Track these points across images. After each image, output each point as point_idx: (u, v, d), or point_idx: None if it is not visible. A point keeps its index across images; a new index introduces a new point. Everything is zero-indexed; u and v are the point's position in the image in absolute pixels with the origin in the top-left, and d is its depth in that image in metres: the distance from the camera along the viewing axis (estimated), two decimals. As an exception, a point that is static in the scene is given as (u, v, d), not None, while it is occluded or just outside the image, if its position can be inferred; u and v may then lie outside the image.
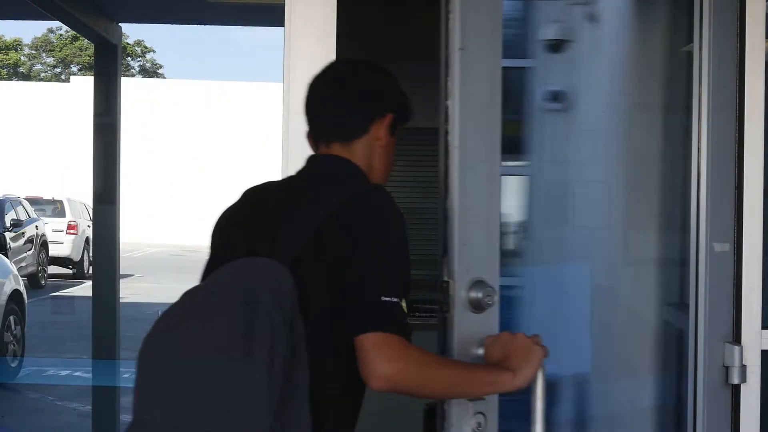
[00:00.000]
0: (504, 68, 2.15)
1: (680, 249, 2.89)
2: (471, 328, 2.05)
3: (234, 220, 2.00)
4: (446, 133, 2.10)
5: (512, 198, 5.72)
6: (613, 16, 4.15)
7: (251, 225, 1.91)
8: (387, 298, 1.71)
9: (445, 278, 2.07)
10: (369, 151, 1.96)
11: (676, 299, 3.13)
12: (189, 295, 1.85)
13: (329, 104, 2.00)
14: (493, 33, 2.14)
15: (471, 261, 2.08)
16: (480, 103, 2.12)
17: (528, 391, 1.94)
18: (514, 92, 4.92)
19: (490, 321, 2.07)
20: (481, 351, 2.01)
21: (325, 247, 1.75)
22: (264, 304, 1.68)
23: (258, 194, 2.02)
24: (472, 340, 2.03)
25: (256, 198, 2.01)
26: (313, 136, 2.03)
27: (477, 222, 2.10)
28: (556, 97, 4.57)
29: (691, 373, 2.64)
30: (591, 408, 3.95)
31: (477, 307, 2.06)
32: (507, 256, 5.31)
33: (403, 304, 1.73)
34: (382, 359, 1.68)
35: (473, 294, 2.05)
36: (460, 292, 2.06)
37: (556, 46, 4.49)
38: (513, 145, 5.04)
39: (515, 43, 5.09)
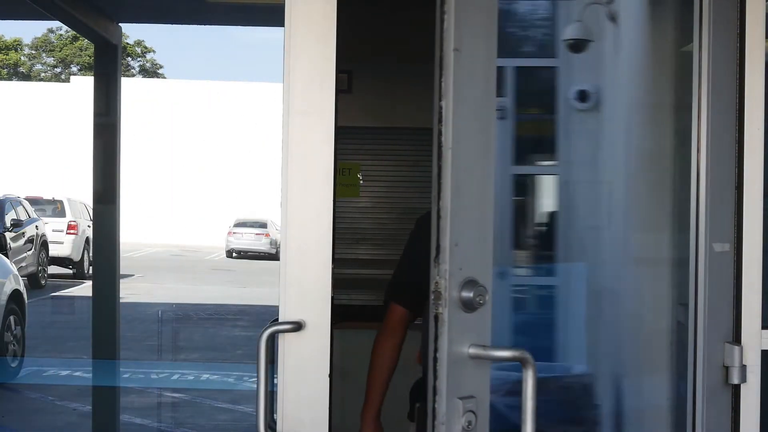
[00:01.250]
0: (535, 68, 2.17)
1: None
2: (462, 327, 2.07)
3: None
4: (439, 133, 2.11)
5: (546, 197, 5.72)
6: (631, 15, 4.15)
7: None
8: None
9: (437, 277, 2.09)
10: None
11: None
12: None
13: None
14: (488, 34, 2.15)
15: (463, 261, 2.09)
16: (474, 104, 2.13)
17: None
18: (545, 92, 4.94)
19: (481, 320, 2.09)
20: (473, 350, 2.04)
21: None
22: None
23: None
24: (463, 339, 2.06)
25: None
26: None
27: (469, 222, 2.12)
28: (582, 96, 4.58)
29: (691, 373, 2.65)
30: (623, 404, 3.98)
31: (468, 306, 2.07)
32: (541, 255, 5.31)
33: None
34: None
35: (465, 294, 2.07)
36: (452, 292, 2.07)
37: (577, 45, 4.50)
38: (546, 145, 5.06)
39: (546, 43, 5.11)
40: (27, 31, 44.99)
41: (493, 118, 2.15)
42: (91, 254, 15.25)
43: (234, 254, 25.08)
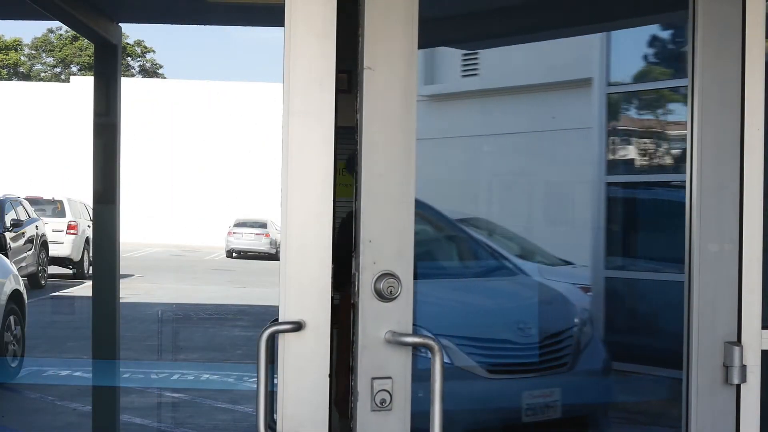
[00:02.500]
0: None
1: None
2: (378, 315, 2.34)
3: None
4: (356, 142, 2.37)
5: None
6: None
7: None
8: None
9: (354, 270, 2.36)
10: None
11: None
12: None
13: None
14: (406, 53, 2.37)
15: (377, 256, 2.35)
16: (389, 117, 2.36)
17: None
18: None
19: (399, 309, 2.35)
20: (388, 336, 2.33)
21: None
22: None
23: None
24: (380, 326, 2.35)
25: None
26: None
27: (384, 221, 2.36)
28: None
29: (691, 373, 2.64)
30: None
31: (382, 296, 2.33)
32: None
33: None
34: None
35: (378, 285, 2.33)
36: (366, 284, 2.34)
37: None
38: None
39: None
40: (27, 31, 44.99)
41: (412, 129, 2.37)
42: (91, 254, 15.24)
43: (234, 254, 25.08)
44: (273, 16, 2.94)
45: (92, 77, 6.15)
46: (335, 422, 2.61)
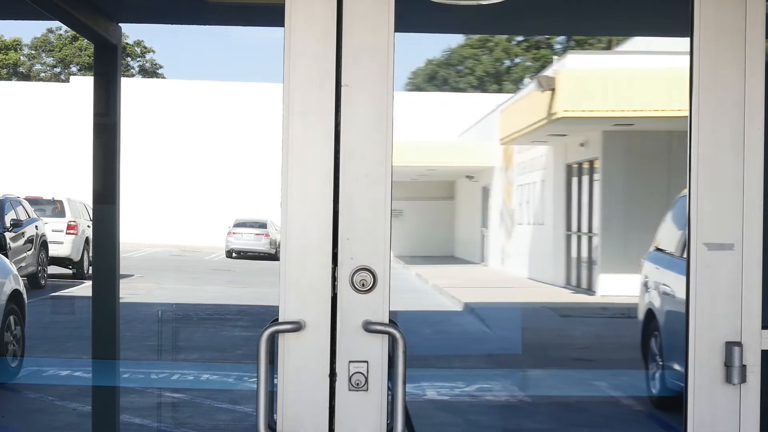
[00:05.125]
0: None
1: None
2: (355, 305, 2.59)
3: None
4: (336, 151, 2.59)
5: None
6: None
7: None
8: None
9: (332, 265, 2.59)
10: None
11: None
12: None
13: None
14: (381, 72, 2.60)
15: (354, 252, 2.59)
16: (365, 128, 2.60)
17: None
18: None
19: (375, 300, 2.59)
20: (363, 324, 2.55)
21: None
22: None
23: None
24: (357, 315, 2.59)
25: None
26: None
27: (360, 221, 2.59)
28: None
29: (691, 373, 2.64)
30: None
31: (358, 289, 2.59)
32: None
33: None
34: None
35: (355, 278, 2.58)
36: (344, 277, 2.59)
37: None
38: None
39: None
40: (26, 31, 44.92)
41: (388, 139, 2.61)
42: (91, 254, 15.24)
43: (234, 254, 25.06)
44: (273, 16, 2.94)
45: (92, 77, 6.14)
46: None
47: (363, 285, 2.57)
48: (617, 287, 13.54)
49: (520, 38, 21.56)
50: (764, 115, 2.64)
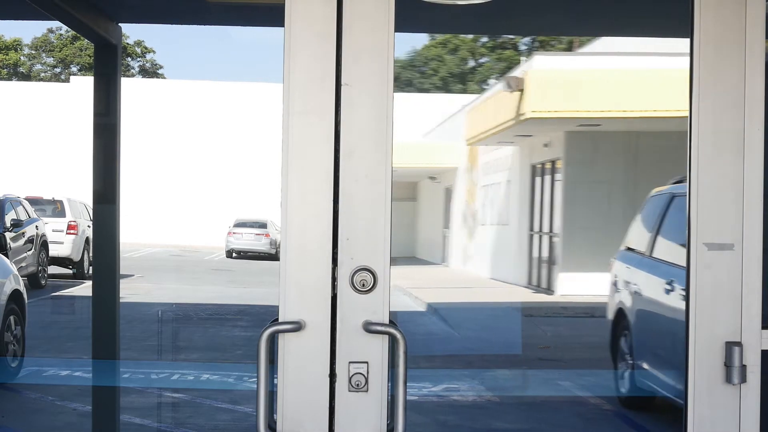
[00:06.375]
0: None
1: None
2: (355, 305, 2.58)
3: None
4: (335, 150, 2.57)
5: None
6: None
7: None
8: None
9: (332, 265, 2.57)
10: None
11: None
12: None
13: None
14: (381, 71, 2.60)
15: (354, 252, 2.58)
16: (365, 127, 2.59)
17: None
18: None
19: (375, 300, 2.57)
20: (363, 324, 2.54)
21: None
22: None
23: None
24: (357, 315, 2.57)
25: None
26: None
27: (361, 221, 2.58)
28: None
29: (691, 373, 2.64)
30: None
31: (358, 289, 2.57)
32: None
33: None
34: None
35: (355, 278, 2.57)
36: (344, 277, 2.58)
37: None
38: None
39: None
40: (27, 31, 44.88)
41: (388, 138, 2.60)
42: (91, 254, 15.25)
43: (234, 254, 25.06)
44: (273, 16, 2.94)
45: (92, 77, 6.14)
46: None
47: (363, 285, 2.57)
48: (576, 287, 13.63)
49: (485, 39, 21.55)
50: (764, 115, 2.64)
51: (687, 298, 2.67)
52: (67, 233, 16.70)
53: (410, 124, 20.99)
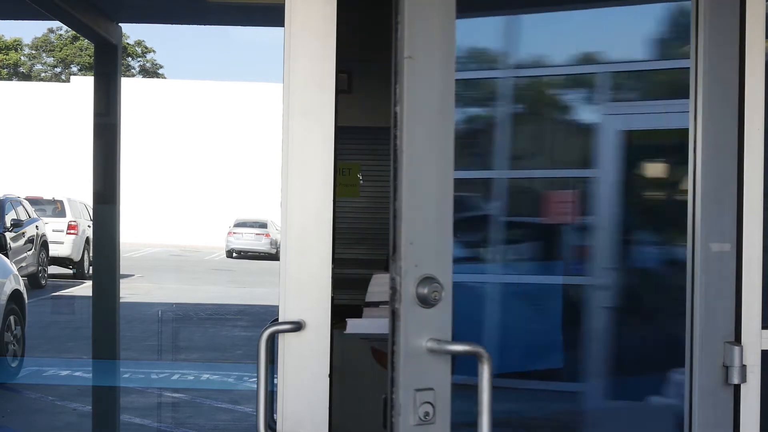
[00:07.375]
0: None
1: None
2: (419, 322, 2.15)
3: None
4: (395, 137, 2.19)
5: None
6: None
7: None
8: None
9: (393, 274, 2.15)
10: None
11: None
12: None
13: None
14: (445, 42, 2.21)
15: (418, 259, 2.16)
16: (430, 109, 2.19)
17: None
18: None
19: (440, 316, 2.16)
20: (430, 344, 2.13)
21: None
22: None
23: None
24: (421, 333, 2.15)
25: None
26: None
27: (425, 222, 2.18)
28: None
29: (691, 373, 2.64)
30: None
31: (425, 302, 2.14)
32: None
33: None
34: None
35: (420, 290, 2.13)
36: (408, 288, 2.14)
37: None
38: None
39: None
40: (27, 31, 44.95)
41: (451, 121, 2.19)
42: (91, 254, 15.26)
43: (234, 254, 25.09)
44: (273, 16, 2.94)
45: (92, 77, 6.15)
46: (335, 422, 2.61)
47: (435, 298, 2.16)
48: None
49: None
50: (764, 115, 2.64)
51: (688, 299, 2.67)
52: (67, 233, 16.71)
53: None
